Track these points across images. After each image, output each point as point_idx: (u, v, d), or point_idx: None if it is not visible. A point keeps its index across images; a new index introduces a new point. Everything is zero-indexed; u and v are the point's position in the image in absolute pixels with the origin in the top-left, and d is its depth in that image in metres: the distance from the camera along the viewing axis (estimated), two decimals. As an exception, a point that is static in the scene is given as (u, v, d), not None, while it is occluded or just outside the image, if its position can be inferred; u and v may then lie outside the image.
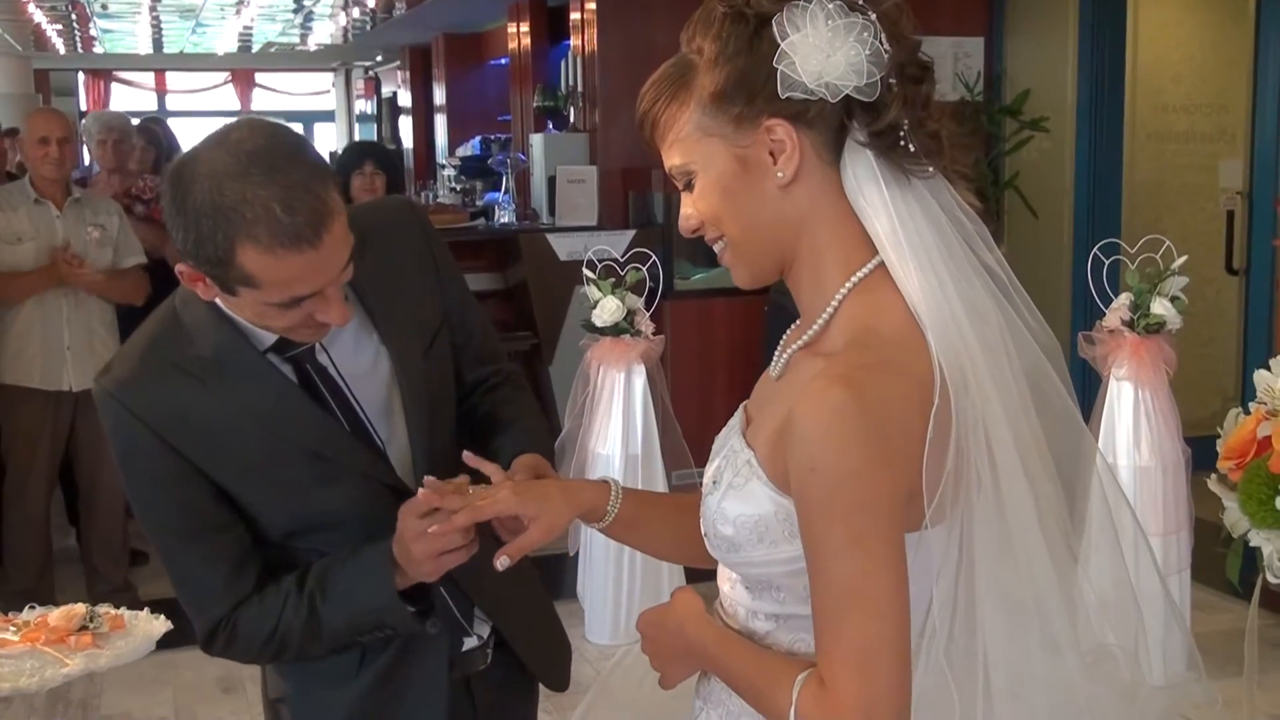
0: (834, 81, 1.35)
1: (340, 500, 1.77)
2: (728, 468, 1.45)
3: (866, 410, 1.28)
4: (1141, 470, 4.13)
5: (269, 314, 1.65)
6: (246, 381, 1.73)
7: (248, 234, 1.54)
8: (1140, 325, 4.15)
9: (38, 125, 4.92)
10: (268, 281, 1.59)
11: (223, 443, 1.72)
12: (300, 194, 1.56)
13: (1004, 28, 6.99)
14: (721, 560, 1.48)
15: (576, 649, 2.25)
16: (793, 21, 1.36)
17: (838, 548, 1.29)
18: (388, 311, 1.82)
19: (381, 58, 15.34)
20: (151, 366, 1.73)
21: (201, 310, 1.73)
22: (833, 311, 1.41)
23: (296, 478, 1.75)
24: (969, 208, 1.43)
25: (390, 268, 1.84)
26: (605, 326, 4.62)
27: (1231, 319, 6.59)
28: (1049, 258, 6.62)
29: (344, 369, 1.79)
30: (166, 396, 1.71)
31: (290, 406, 1.75)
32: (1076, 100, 6.50)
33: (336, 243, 1.61)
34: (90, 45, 14.67)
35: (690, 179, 1.44)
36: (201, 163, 1.58)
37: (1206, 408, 6.56)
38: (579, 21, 7.01)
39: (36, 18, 11.38)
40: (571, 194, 6.66)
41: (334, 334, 1.76)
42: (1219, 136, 6.67)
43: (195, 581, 1.78)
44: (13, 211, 4.81)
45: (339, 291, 1.66)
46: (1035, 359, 1.43)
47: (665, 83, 1.44)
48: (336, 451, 1.77)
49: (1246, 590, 3.06)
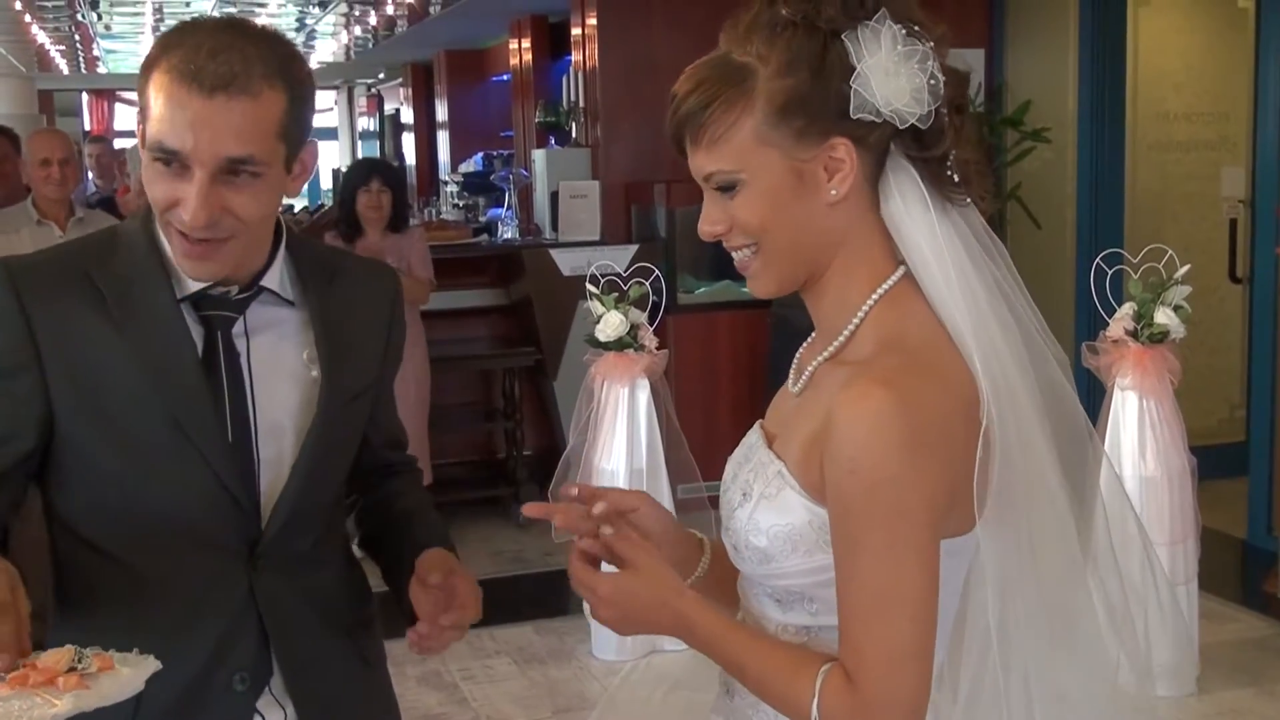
0: (901, 108, 1.35)
1: (173, 482, 1.62)
2: (757, 480, 1.44)
3: (906, 413, 1.29)
4: (1147, 480, 4.13)
5: (150, 175, 1.57)
6: (148, 316, 1.61)
7: (165, 60, 1.52)
8: (1144, 335, 4.15)
9: (40, 146, 4.93)
10: (152, 113, 1.53)
11: (91, 369, 1.59)
12: (233, 55, 1.51)
13: (1005, 39, 7.00)
14: (751, 573, 1.46)
15: (583, 665, 2.25)
16: (866, 42, 1.36)
17: (874, 550, 1.30)
18: (331, 342, 1.72)
19: (384, 75, 15.39)
20: (63, 263, 1.65)
21: (138, 230, 1.67)
22: (859, 322, 1.42)
23: (144, 441, 1.61)
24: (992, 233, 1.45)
25: (351, 311, 1.75)
26: (609, 341, 4.62)
27: (1235, 327, 6.59)
28: (1052, 268, 6.62)
29: (257, 362, 1.67)
30: (61, 295, 1.60)
31: (177, 361, 1.61)
32: (1078, 110, 6.50)
33: (231, 118, 1.51)
34: (94, 66, 14.72)
35: (735, 186, 1.40)
36: (189, 23, 1.60)
37: (1212, 417, 6.57)
38: (580, 37, 7.02)
39: (40, 39, 11.43)
40: (574, 209, 6.67)
41: (263, 324, 1.68)
42: (1220, 145, 6.68)
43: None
44: (15, 233, 4.81)
45: (208, 189, 1.53)
46: (1051, 373, 1.46)
47: (719, 83, 1.39)
48: (197, 430, 1.61)
49: (1253, 599, 3.06)
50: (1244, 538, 5.72)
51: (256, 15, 9.95)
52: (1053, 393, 1.44)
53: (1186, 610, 4.16)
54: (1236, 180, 6.52)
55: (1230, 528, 5.72)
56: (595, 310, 4.66)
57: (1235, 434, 6.43)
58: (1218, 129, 6.67)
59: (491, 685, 4.39)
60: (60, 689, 1.24)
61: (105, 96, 17.47)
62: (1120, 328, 4.19)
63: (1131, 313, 4.18)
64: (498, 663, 4.56)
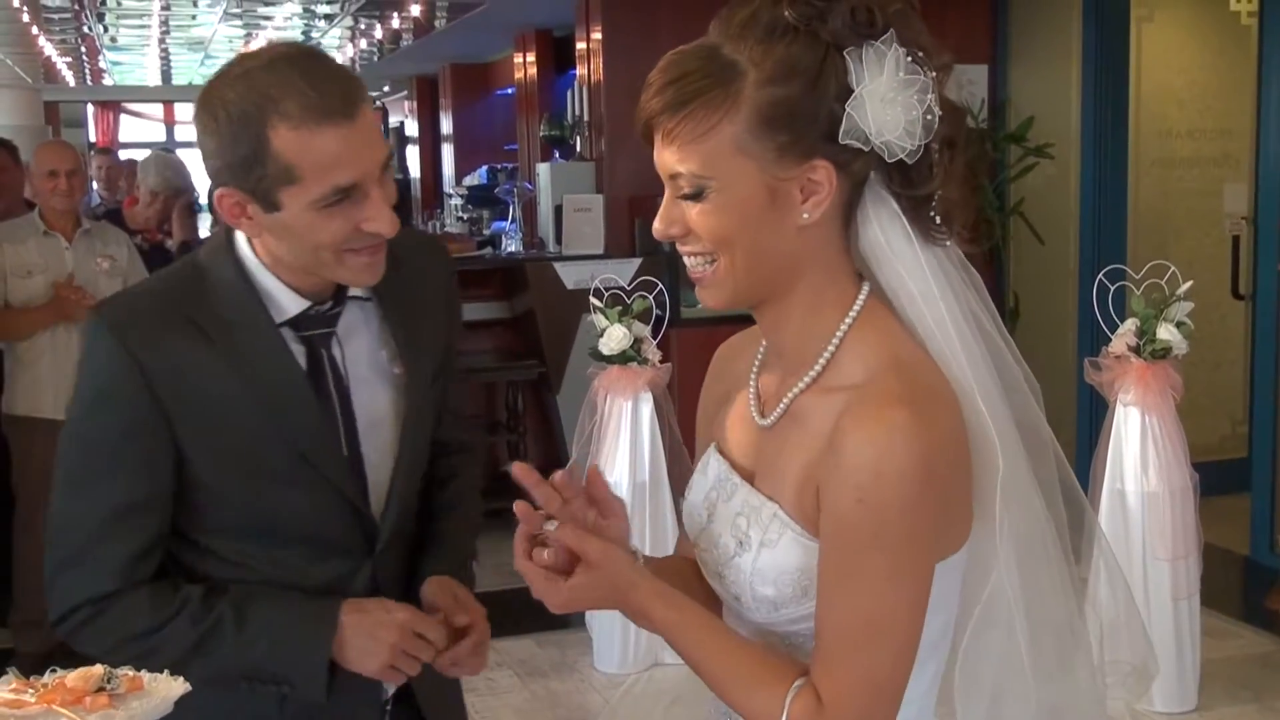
0: (892, 140, 1.27)
1: (300, 506, 1.67)
2: (752, 526, 1.37)
3: (921, 436, 1.24)
4: (1149, 496, 4.13)
5: (317, 224, 1.56)
6: (255, 351, 1.64)
7: (278, 112, 1.50)
8: (1146, 351, 4.15)
9: (46, 158, 4.94)
10: (305, 167, 1.52)
11: (211, 410, 1.61)
12: (327, 77, 1.54)
13: (1008, 55, 7.01)
14: (762, 620, 1.39)
15: (585, 678, 2.25)
16: (869, 62, 1.27)
17: (873, 578, 1.26)
18: (407, 329, 1.76)
19: (389, 88, 15.42)
20: (162, 310, 1.64)
21: (227, 268, 1.66)
22: (836, 347, 1.35)
23: (269, 468, 1.64)
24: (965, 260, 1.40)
25: (416, 293, 1.79)
26: (612, 355, 4.63)
27: (1238, 344, 6.59)
28: (1055, 284, 6.63)
29: (353, 369, 1.71)
30: (170, 344, 1.60)
31: (291, 391, 1.65)
32: (1081, 126, 6.51)
33: (371, 126, 1.56)
34: (99, 77, 14.76)
35: (703, 192, 1.31)
36: (232, 71, 1.57)
37: (1214, 433, 6.56)
38: (585, 51, 7.04)
39: (47, 50, 11.46)
40: (578, 223, 6.68)
41: (350, 329, 1.71)
42: (1223, 161, 6.68)
43: (90, 549, 1.63)
44: (22, 245, 4.82)
45: (383, 195, 1.58)
46: (1026, 401, 1.40)
47: (704, 79, 1.29)
48: (319, 454, 1.67)
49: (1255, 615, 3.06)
50: (1246, 554, 5.72)
51: (262, 29, 9.98)
52: (1028, 422, 1.39)
53: (1188, 626, 4.16)
54: (1239, 197, 6.52)
55: (1232, 544, 5.71)
56: (599, 324, 4.67)
57: (1238, 450, 6.43)
58: (1220, 145, 6.68)
59: (494, 697, 4.39)
60: (87, 709, 1.24)
61: (110, 108, 17.51)
62: (1123, 344, 4.20)
63: (1134, 329, 4.18)
64: (500, 675, 4.56)
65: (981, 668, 1.37)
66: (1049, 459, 1.40)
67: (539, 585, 1.37)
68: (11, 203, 5.59)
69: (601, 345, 4.64)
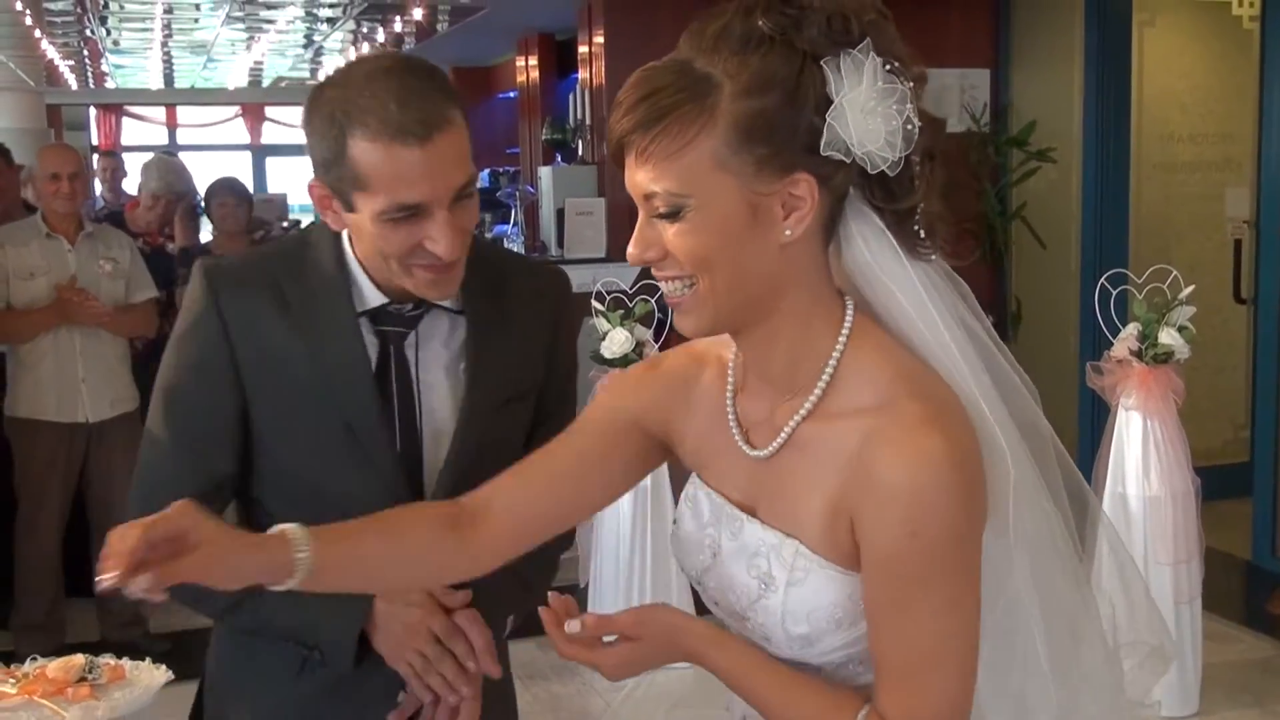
0: (874, 151, 1.24)
1: (352, 484, 1.72)
2: (774, 565, 1.32)
3: (956, 459, 1.22)
4: (1151, 500, 4.13)
5: (383, 234, 1.63)
6: (329, 329, 1.73)
7: (359, 122, 1.58)
8: (1148, 355, 4.15)
9: (49, 161, 4.95)
10: (375, 179, 1.59)
11: (276, 373, 1.72)
12: (416, 95, 1.60)
13: (1010, 59, 7.02)
14: (794, 656, 1.34)
15: (587, 680, 2.25)
16: (847, 72, 1.23)
17: (933, 608, 1.24)
18: (489, 349, 1.80)
19: (391, 91, 15.40)
20: (257, 272, 1.77)
21: (328, 249, 1.76)
22: (833, 370, 1.31)
23: (319, 441, 1.73)
24: (950, 270, 1.37)
25: (512, 315, 1.82)
26: (614, 358, 4.63)
27: (1240, 348, 6.59)
28: (1056, 288, 6.63)
29: (424, 370, 1.77)
30: (253, 303, 1.73)
31: (353, 373, 1.73)
32: (1083, 131, 6.52)
33: (449, 152, 1.61)
34: (102, 80, 14.77)
35: (680, 211, 1.26)
36: (337, 75, 1.66)
37: (1216, 437, 6.56)
38: (587, 55, 7.05)
39: (49, 53, 11.47)
40: (580, 226, 6.68)
41: (432, 334, 1.77)
42: (1225, 165, 6.69)
43: (160, 481, 1.70)
44: (24, 247, 4.83)
45: (451, 220, 1.63)
46: (1027, 408, 1.38)
47: (677, 94, 1.24)
48: (369, 435, 1.73)
49: (1257, 620, 3.06)
50: (1248, 558, 5.72)
51: (265, 32, 9.98)
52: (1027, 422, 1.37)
53: (1190, 630, 4.16)
54: (1241, 201, 6.53)
55: (1234, 548, 5.71)
56: (601, 327, 4.68)
57: (1239, 454, 6.43)
58: (1223, 150, 6.69)
59: (495, 701, 4.41)
60: (70, 699, 1.24)
61: (113, 111, 17.51)
62: (1125, 348, 4.20)
63: (1136, 333, 4.19)
64: (501, 679, 4.59)
65: (1010, 676, 1.36)
66: (1050, 457, 1.38)
67: (587, 659, 1.38)
68: (9, 206, 5.61)
69: (604, 349, 4.65)
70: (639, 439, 1.49)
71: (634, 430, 1.49)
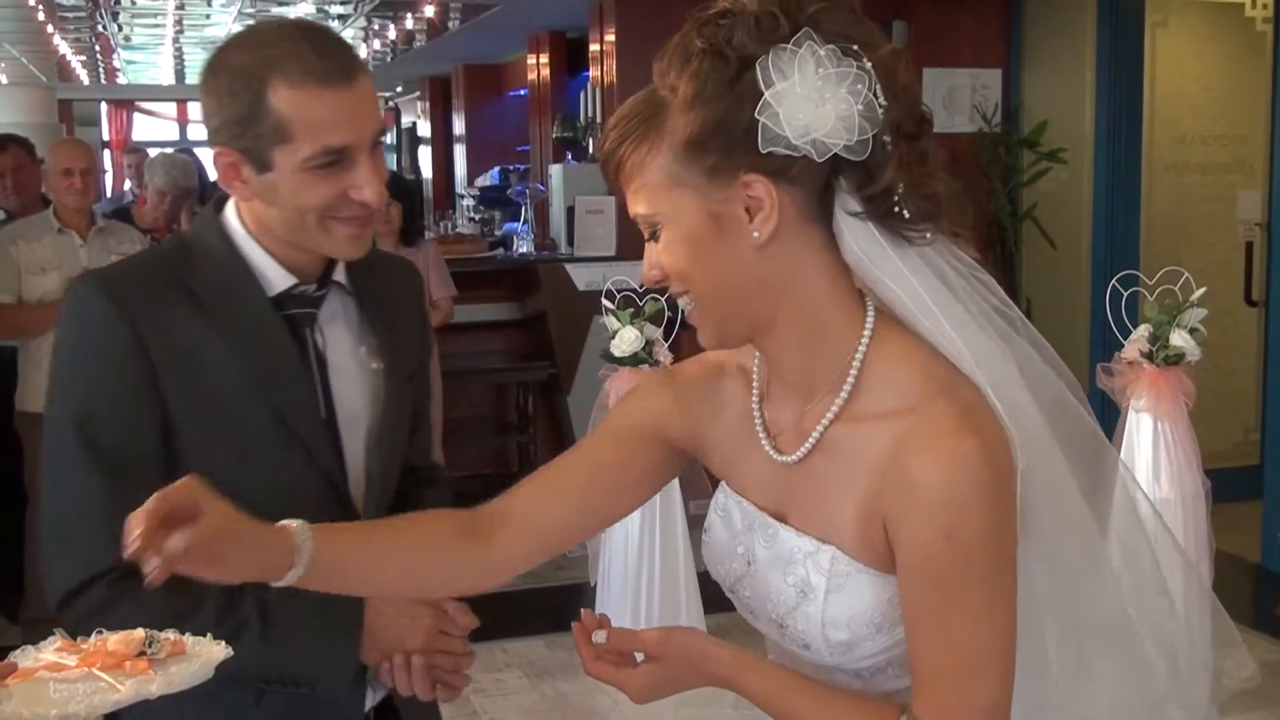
0: (821, 138, 1.23)
1: (281, 479, 1.66)
2: (812, 572, 1.32)
3: (990, 462, 1.23)
4: (1161, 502, 4.12)
5: (305, 186, 1.59)
6: (245, 317, 1.66)
7: (278, 70, 1.56)
8: (1159, 357, 4.14)
9: (61, 156, 4.96)
10: (299, 125, 1.56)
11: (199, 372, 1.62)
12: (330, 44, 1.61)
13: (1022, 59, 7.01)
14: (833, 662, 1.34)
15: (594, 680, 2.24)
16: (779, 67, 1.23)
17: (971, 611, 1.24)
18: (385, 327, 1.79)
19: (401, 88, 15.45)
20: (153, 275, 1.68)
21: (214, 239, 1.69)
22: (858, 372, 1.31)
23: (253, 437, 1.65)
24: (969, 259, 1.34)
25: (391, 300, 1.82)
26: (624, 356, 4.63)
27: (1251, 350, 6.58)
28: (1067, 289, 6.62)
29: (332, 354, 1.73)
30: (161, 305, 1.63)
31: (278, 358, 1.67)
32: (1094, 131, 6.51)
33: (368, 95, 1.61)
34: (113, 76, 14.80)
35: (656, 229, 1.31)
36: (239, 39, 1.64)
37: (1226, 439, 6.55)
38: (598, 53, 7.05)
39: (61, 49, 11.50)
40: (590, 224, 6.69)
41: (330, 317, 1.74)
42: (1237, 167, 6.67)
43: (90, 523, 1.58)
44: (36, 242, 4.85)
45: (372, 165, 1.61)
46: (1056, 392, 1.37)
47: (633, 120, 1.29)
48: (302, 425, 1.68)
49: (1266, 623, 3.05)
50: (1258, 561, 5.70)
51: (276, 28, 9.99)
52: (1062, 410, 1.36)
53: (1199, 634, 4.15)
54: (1253, 203, 6.52)
55: (1244, 551, 5.70)
56: (610, 325, 4.67)
57: (1250, 457, 6.41)
58: (1234, 152, 6.67)
59: (502, 698, 4.40)
60: (127, 673, 1.24)
61: (124, 106, 17.56)
62: (1135, 350, 4.19)
63: (1147, 335, 4.18)
64: (508, 676, 4.57)
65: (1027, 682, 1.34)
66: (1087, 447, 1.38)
67: (613, 678, 1.37)
68: (30, 200, 5.63)
69: (613, 347, 4.64)
70: (660, 450, 1.49)
71: (655, 441, 1.49)
